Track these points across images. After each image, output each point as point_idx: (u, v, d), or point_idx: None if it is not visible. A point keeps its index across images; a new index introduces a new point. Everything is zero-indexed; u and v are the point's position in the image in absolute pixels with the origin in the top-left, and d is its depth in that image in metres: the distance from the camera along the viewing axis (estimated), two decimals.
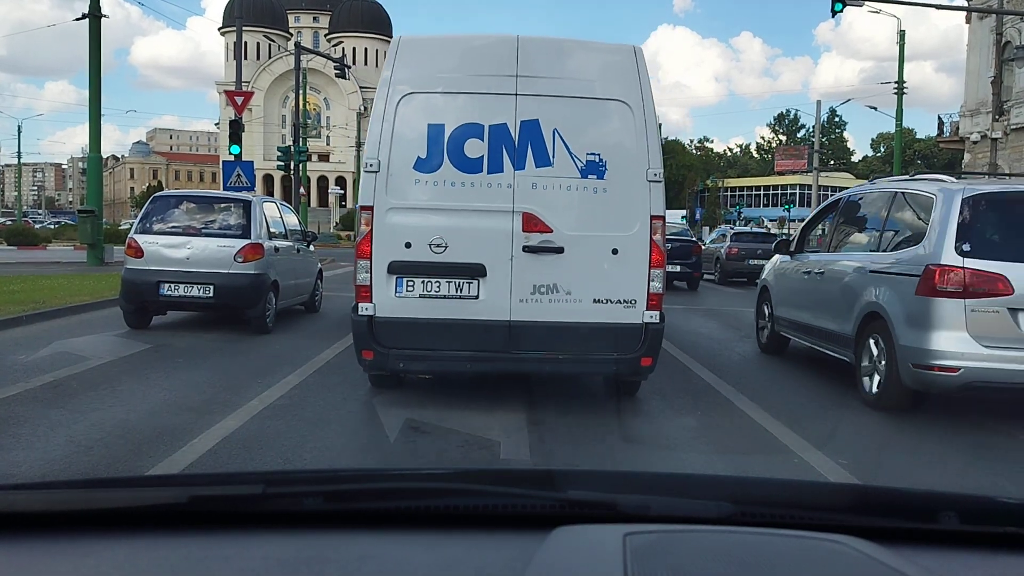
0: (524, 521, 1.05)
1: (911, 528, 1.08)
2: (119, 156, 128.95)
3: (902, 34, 23.68)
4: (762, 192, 76.79)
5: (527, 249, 5.20)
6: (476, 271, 5.22)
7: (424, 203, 5.23)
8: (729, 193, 75.55)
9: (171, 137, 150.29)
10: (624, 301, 5.24)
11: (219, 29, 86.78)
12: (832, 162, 76.57)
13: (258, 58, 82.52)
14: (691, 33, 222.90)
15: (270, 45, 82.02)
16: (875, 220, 6.86)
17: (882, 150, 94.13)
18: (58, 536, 1.01)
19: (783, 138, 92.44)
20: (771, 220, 61.02)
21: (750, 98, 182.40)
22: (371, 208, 5.17)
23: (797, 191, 69.93)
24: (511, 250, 5.22)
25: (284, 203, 11.39)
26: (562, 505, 1.09)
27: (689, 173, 76.45)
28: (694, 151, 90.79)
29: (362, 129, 59.90)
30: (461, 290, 5.24)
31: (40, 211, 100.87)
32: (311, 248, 11.02)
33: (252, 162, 19.10)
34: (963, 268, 5.24)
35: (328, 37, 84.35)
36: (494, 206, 5.19)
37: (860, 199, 7.40)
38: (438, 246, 5.20)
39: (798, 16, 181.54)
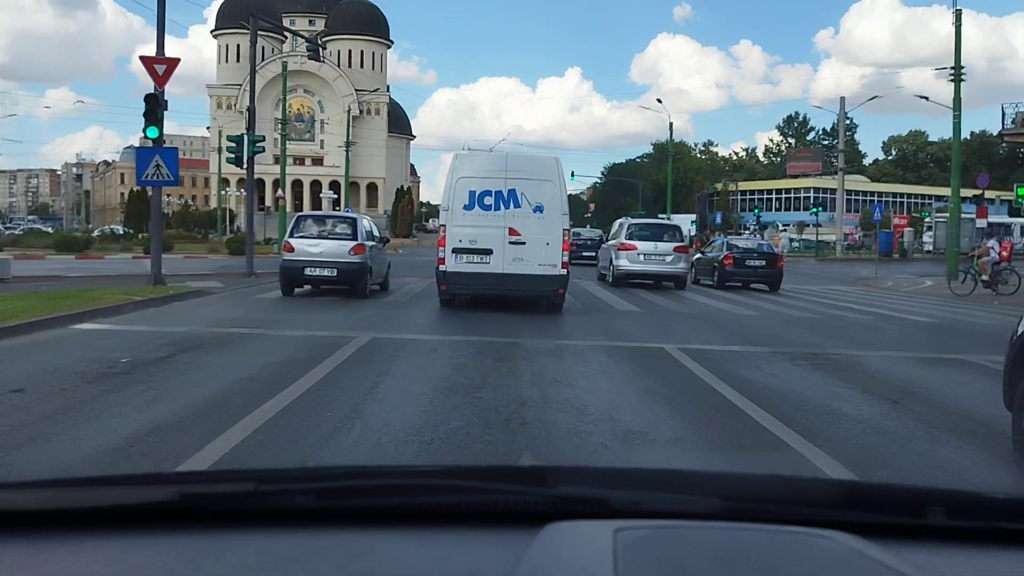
0: (516, 517, 1.05)
1: (900, 523, 1.08)
2: (110, 161, 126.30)
3: (958, 13, 21.30)
4: (774, 195, 74.34)
5: (511, 243, 11.77)
6: (488, 252, 11.78)
7: (467, 223, 11.81)
8: (740, 197, 72.96)
9: (165, 142, 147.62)
10: (552, 265, 11.78)
11: (212, 32, 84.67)
12: (844, 166, 74.08)
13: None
14: (690, 41, 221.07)
15: (263, 47, 79.74)
16: (617, 230, 20.90)
17: (893, 153, 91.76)
18: (49, 534, 0.99)
19: (792, 141, 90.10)
20: (784, 224, 58.60)
21: (750, 104, 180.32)
22: (445, 225, 11.94)
23: (811, 194, 67.48)
24: (504, 243, 11.77)
25: (371, 217, 17.97)
26: (553, 501, 1.08)
27: (697, 177, 73.97)
28: (699, 155, 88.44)
29: (351, 131, 57.41)
30: (483, 260, 11.77)
31: (23, 217, 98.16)
32: (384, 247, 16.02)
33: (176, 149, 15.28)
34: (630, 243, 19.45)
35: (324, 40, 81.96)
36: (497, 224, 11.79)
37: (619, 223, 21.20)
38: (472, 241, 11.79)
39: (797, 24, 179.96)
